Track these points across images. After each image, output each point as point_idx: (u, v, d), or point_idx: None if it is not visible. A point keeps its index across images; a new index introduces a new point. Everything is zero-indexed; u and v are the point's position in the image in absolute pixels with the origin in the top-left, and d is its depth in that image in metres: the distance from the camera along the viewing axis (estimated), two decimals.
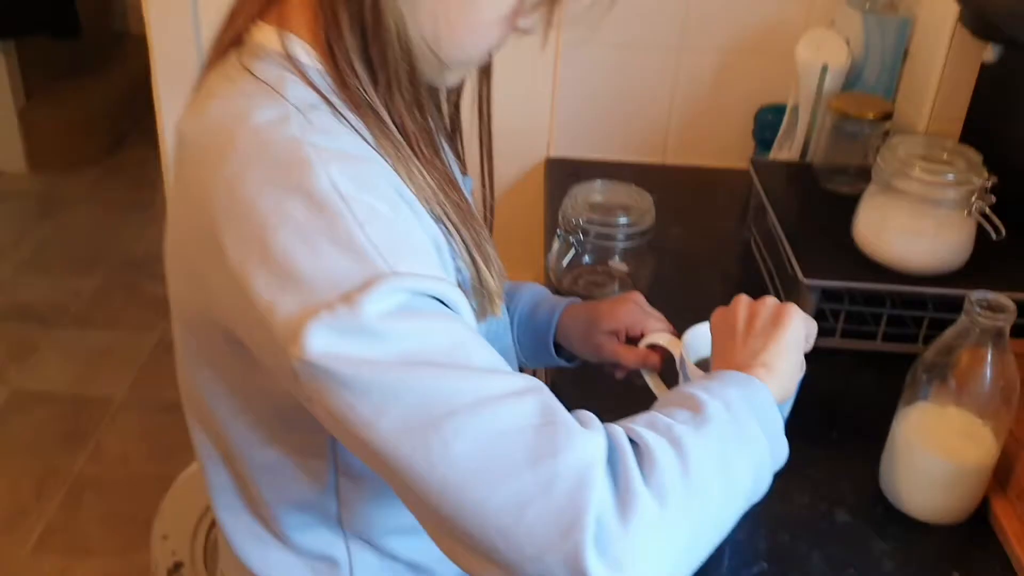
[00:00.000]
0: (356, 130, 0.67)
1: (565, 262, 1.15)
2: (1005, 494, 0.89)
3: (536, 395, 0.59)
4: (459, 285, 0.68)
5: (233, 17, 0.75)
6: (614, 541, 0.55)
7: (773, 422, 0.69)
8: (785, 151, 1.37)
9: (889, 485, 0.91)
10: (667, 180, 1.46)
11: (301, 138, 0.64)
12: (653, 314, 0.94)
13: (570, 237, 1.14)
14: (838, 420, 1.01)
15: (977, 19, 1.13)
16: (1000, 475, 0.89)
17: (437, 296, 0.61)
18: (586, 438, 0.58)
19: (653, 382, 0.92)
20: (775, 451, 0.68)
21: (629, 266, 1.16)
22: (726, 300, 0.82)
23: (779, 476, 0.69)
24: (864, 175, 1.20)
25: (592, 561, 0.54)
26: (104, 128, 3.55)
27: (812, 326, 0.79)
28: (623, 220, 1.12)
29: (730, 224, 1.40)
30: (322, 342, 0.57)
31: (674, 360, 0.89)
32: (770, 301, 0.79)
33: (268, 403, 0.73)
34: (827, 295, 1.08)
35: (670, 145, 1.54)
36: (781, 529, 0.88)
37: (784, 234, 1.13)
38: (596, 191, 1.16)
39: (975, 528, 0.89)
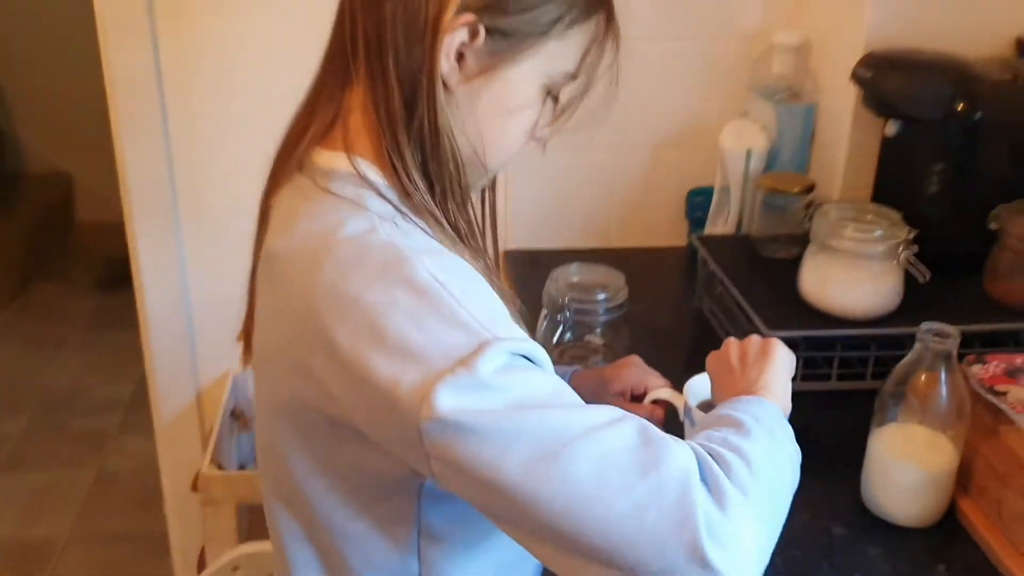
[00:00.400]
0: (423, 230, 0.80)
1: (555, 339, 1.27)
2: (968, 494, 1.04)
3: (631, 419, 0.72)
4: None
5: (290, 146, 0.86)
6: (719, 527, 0.67)
7: (788, 430, 0.83)
8: (720, 226, 1.54)
9: (872, 498, 1.06)
10: (615, 261, 1.61)
11: (393, 241, 0.76)
12: (652, 373, 1.08)
13: (557, 316, 1.27)
14: (816, 451, 1.13)
15: (877, 101, 1.34)
16: (962, 479, 1.04)
17: (527, 354, 0.73)
18: (679, 448, 0.70)
19: None
20: (797, 452, 0.82)
21: (606, 339, 1.29)
22: (693, 362, 0.96)
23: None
24: (795, 241, 1.38)
25: (709, 545, 0.66)
26: (11, 268, 3.54)
27: (792, 356, 0.94)
28: (602, 296, 1.26)
29: (679, 294, 1.56)
30: (450, 401, 0.68)
31: (676, 412, 1.03)
32: (755, 338, 0.94)
33: (361, 478, 0.82)
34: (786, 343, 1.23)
35: (614, 230, 1.71)
36: (791, 546, 1.00)
37: (740, 295, 1.29)
38: (573, 273, 1.30)
39: (948, 527, 1.04)
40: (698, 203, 1.65)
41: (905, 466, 1.03)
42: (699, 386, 1.02)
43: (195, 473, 1.56)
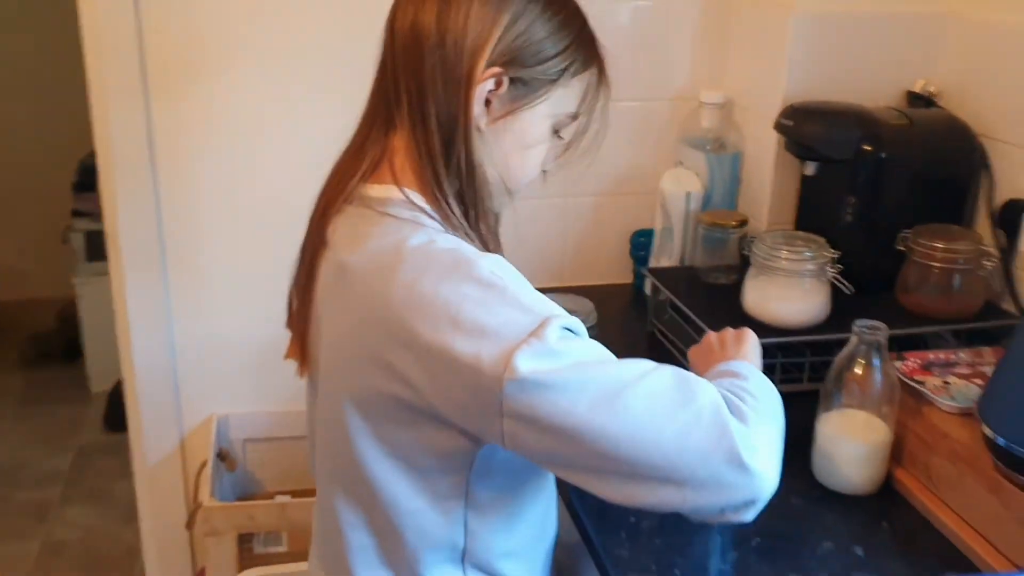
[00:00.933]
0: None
1: None
2: (902, 464, 1.24)
3: (667, 366, 0.91)
4: None
5: (339, 184, 1.01)
6: (748, 438, 0.87)
7: (768, 381, 1.01)
8: (664, 261, 1.74)
9: (822, 473, 1.24)
10: None
11: (455, 246, 0.92)
12: None
13: None
14: None
15: (797, 146, 1.56)
16: (896, 452, 1.23)
17: (574, 327, 0.91)
18: (707, 384, 0.90)
19: None
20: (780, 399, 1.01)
21: None
22: None
23: None
24: (732, 269, 1.59)
25: (744, 451, 0.86)
26: None
27: (758, 342, 1.13)
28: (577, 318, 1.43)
29: (632, 323, 1.74)
30: (528, 364, 0.85)
31: None
32: (730, 329, 1.14)
33: (423, 457, 0.96)
34: None
35: (567, 270, 1.89)
36: (759, 516, 1.17)
37: (693, 314, 1.48)
38: None
39: (887, 493, 1.22)
40: (641, 243, 1.85)
41: (848, 443, 1.21)
42: None
43: (189, 512, 1.65)
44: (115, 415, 3.39)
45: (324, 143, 1.05)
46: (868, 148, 1.48)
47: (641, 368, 0.90)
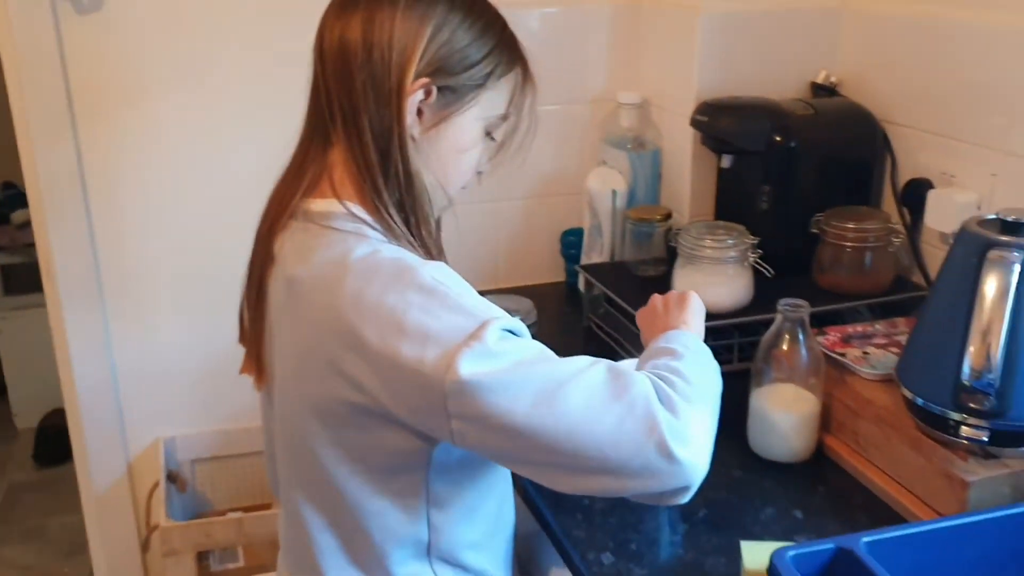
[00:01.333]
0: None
1: None
2: (831, 431, 1.32)
3: (601, 362, 0.95)
4: None
5: (282, 202, 1.05)
6: (677, 428, 0.92)
7: (707, 350, 1.08)
8: (595, 257, 1.81)
9: (757, 445, 1.32)
10: None
11: (397, 256, 0.96)
12: None
13: None
14: None
15: (713, 140, 1.65)
16: (824, 420, 1.32)
17: (513, 328, 0.96)
18: (639, 377, 0.94)
19: None
20: (717, 366, 1.08)
21: None
22: None
23: None
24: (660, 261, 1.66)
25: (672, 442, 0.91)
26: None
27: (702, 302, 1.20)
28: (517, 318, 1.49)
29: (568, 319, 1.81)
30: (468, 366, 0.89)
31: None
32: (673, 292, 1.20)
33: (381, 458, 1.00)
34: None
35: (500, 272, 1.95)
36: (705, 486, 1.22)
37: (627, 305, 1.55)
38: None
39: (819, 459, 1.31)
40: (571, 242, 1.92)
41: (781, 415, 1.29)
42: None
43: (141, 536, 1.66)
44: (45, 450, 3.34)
45: (254, 164, 1.08)
46: (778, 139, 1.57)
47: (577, 365, 0.94)
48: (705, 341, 1.47)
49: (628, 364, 1.01)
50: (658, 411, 0.92)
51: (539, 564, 1.28)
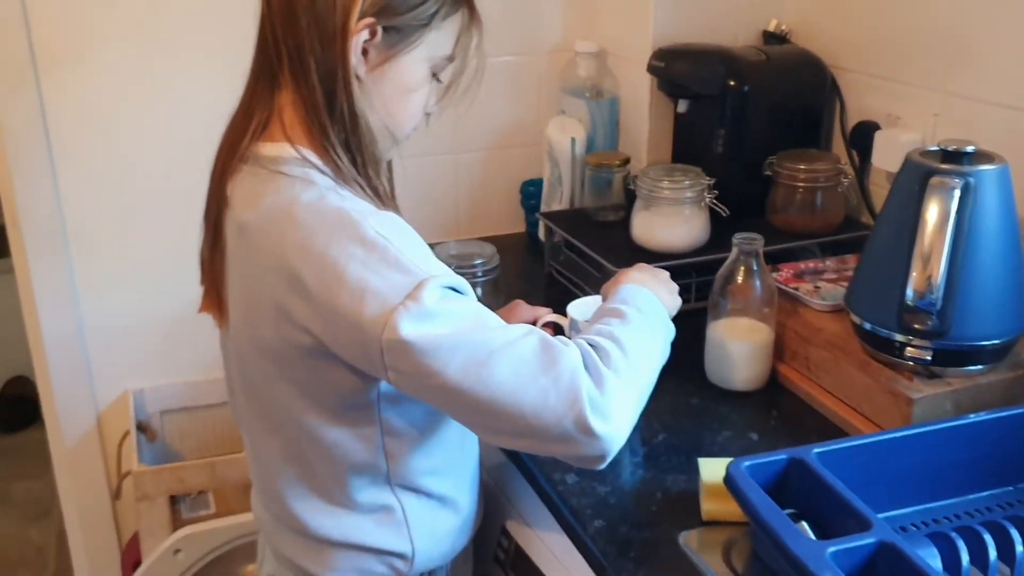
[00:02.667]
0: (358, 196, 1.02)
1: None
2: (784, 360, 1.38)
3: (535, 334, 0.98)
4: None
5: (232, 145, 1.06)
6: (599, 402, 0.95)
7: (662, 311, 1.12)
8: (555, 205, 1.85)
9: (714, 373, 1.37)
10: None
11: (342, 206, 0.97)
12: (539, 308, 1.35)
13: None
14: None
15: (670, 84, 1.69)
16: (778, 350, 1.37)
17: (455, 286, 0.98)
18: (569, 350, 0.97)
19: None
20: (669, 330, 1.12)
21: (486, 298, 1.55)
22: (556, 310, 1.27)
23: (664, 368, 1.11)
24: (619, 207, 1.71)
25: (592, 418, 0.94)
26: None
27: (666, 275, 1.24)
28: (479, 261, 1.53)
29: (530, 267, 1.86)
30: (403, 326, 0.91)
31: (563, 330, 1.31)
32: (639, 265, 1.24)
33: (333, 393, 1.03)
34: None
35: (462, 224, 1.98)
36: (664, 413, 1.30)
37: (588, 249, 1.59)
38: (451, 249, 1.56)
39: (773, 387, 1.36)
40: (531, 192, 1.95)
41: (736, 345, 1.35)
42: (578, 306, 1.31)
43: (115, 485, 1.68)
44: (9, 416, 3.33)
45: (216, 109, 1.09)
46: (732, 83, 1.61)
47: (511, 335, 0.96)
48: None
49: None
50: (582, 386, 0.95)
51: (505, 489, 1.33)
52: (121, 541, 1.95)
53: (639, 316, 1.08)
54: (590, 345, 1.01)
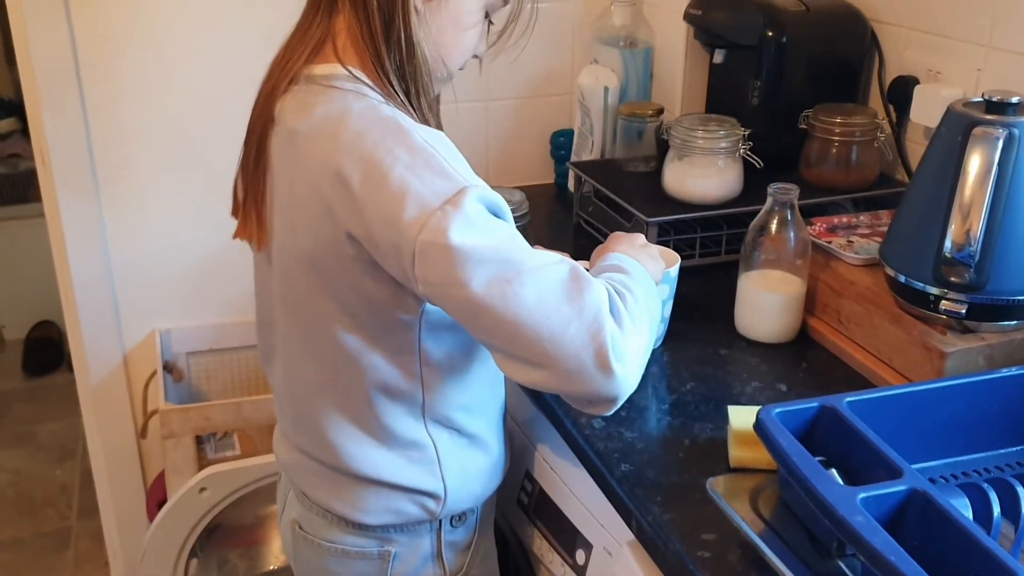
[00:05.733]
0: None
1: None
2: (814, 313, 1.37)
3: (567, 263, 0.98)
4: None
5: (285, 64, 1.07)
6: (619, 342, 0.95)
7: (652, 282, 1.10)
8: (585, 156, 1.83)
9: (744, 325, 1.36)
10: None
11: (394, 114, 0.99)
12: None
13: None
14: (696, 303, 1.44)
15: (706, 33, 1.66)
16: (809, 303, 1.36)
17: (494, 201, 0.98)
18: (597, 285, 0.97)
19: None
20: (659, 300, 1.12)
21: None
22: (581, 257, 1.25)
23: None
24: (651, 158, 1.69)
25: (612, 354, 0.94)
26: None
27: (655, 251, 1.22)
28: (511, 208, 1.52)
29: (560, 217, 1.85)
30: (439, 229, 0.92)
31: None
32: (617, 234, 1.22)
33: (374, 311, 1.04)
34: (660, 230, 1.53)
35: (491, 172, 1.97)
36: (693, 363, 1.29)
37: (620, 198, 1.58)
38: None
39: (803, 340, 1.35)
40: (561, 143, 1.94)
41: (768, 296, 1.33)
42: None
43: (141, 424, 1.70)
44: (34, 360, 3.37)
45: (251, 50, 1.09)
46: (770, 33, 1.58)
47: (542, 259, 0.96)
48: (694, 232, 1.53)
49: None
50: (606, 322, 0.94)
51: (529, 435, 1.33)
52: (146, 480, 1.97)
53: (639, 275, 1.08)
54: (612, 288, 1.00)
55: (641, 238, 1.21)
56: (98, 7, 1.68)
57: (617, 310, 0.97)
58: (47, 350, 3.36)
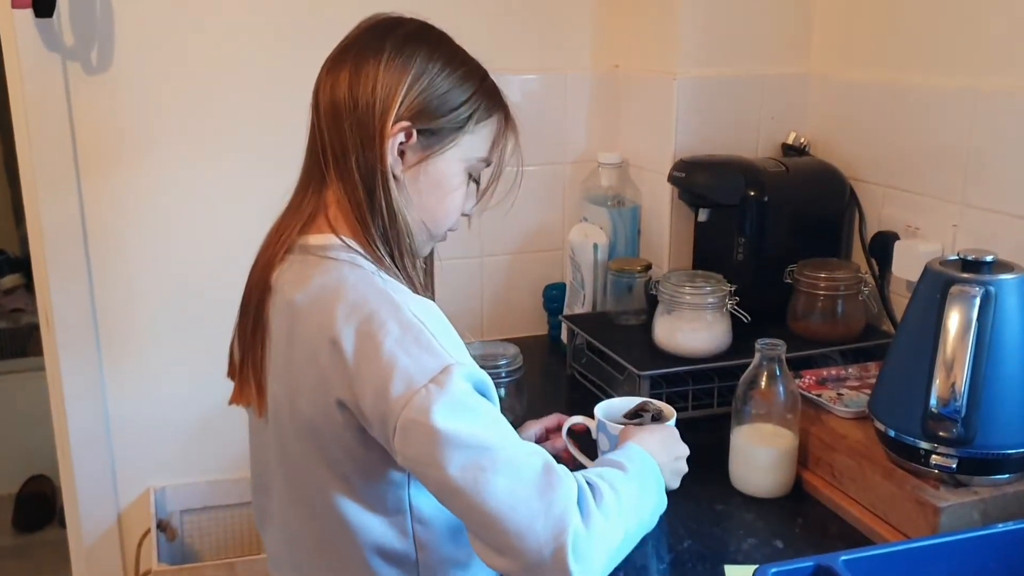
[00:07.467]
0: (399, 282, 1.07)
1: None
2: (808, 467, 1.38)
3: (542, 455, 1.00)
4: None
5: (281, 236, 1.12)
6: (581, 540, 0.95)
7: (660, 483, 1.13)
8: (577, 309, 1.87)
9: (738, 480, 1.37)
10: None
11: (386, 289, 1.03)
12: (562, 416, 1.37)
13: None
14: (691, 456, 1.43)
15: (690, 194, 1.73)
16: (802, 456, 1.37)
17: (480, 380, 1.01)
18: (569, 481, 0.98)
19: (578, 455, 1.33)
20: (662, 500, 1.12)
21: (509, 397, 1.56)
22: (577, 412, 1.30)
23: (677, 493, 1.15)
24: (641, 311, 1.73)
25: (571, 555, 0.94)
26: None
27: (683, 449, 1.25)
28: (504, 362, 1.55)
29: (553, 368, 1.87)
30: (422, 408, 0.95)
31: (590, 432, 1.32)
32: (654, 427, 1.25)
33: (367, 476, 1.06)
34: (653, 383, 1.55)
35: (485, 325, 2.01)
36: (690, 519, 1.30)
37: (613, 351, 1.61)
38: (476, 349, 1.58)
39: (798, 494, 1.36)
40: (553, 296, 1.98)
41: (760, 451, 1.35)
42: (606, 407, 1.32)
43: None
44: (25, 516, 3.31)
45: (251, 222, 1.16)
46: (752, 193, 1.65)
47: (519, 450, 0.98)
48: (686, 384, 1.55)
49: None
50: (571, 520, 0.95)
51: None
52: None
53: (639, 476, 1.09)
54: (588, 483, 1.02)
55: (675, 435, 1.25)
56: (109, 179, 1.75)
57: (587, 507, 0.98)
58: (39, 506, 3.32)
